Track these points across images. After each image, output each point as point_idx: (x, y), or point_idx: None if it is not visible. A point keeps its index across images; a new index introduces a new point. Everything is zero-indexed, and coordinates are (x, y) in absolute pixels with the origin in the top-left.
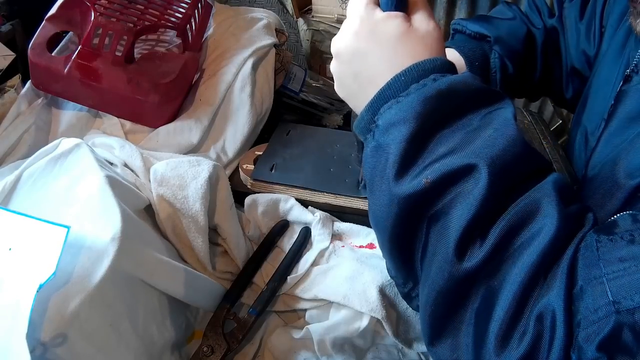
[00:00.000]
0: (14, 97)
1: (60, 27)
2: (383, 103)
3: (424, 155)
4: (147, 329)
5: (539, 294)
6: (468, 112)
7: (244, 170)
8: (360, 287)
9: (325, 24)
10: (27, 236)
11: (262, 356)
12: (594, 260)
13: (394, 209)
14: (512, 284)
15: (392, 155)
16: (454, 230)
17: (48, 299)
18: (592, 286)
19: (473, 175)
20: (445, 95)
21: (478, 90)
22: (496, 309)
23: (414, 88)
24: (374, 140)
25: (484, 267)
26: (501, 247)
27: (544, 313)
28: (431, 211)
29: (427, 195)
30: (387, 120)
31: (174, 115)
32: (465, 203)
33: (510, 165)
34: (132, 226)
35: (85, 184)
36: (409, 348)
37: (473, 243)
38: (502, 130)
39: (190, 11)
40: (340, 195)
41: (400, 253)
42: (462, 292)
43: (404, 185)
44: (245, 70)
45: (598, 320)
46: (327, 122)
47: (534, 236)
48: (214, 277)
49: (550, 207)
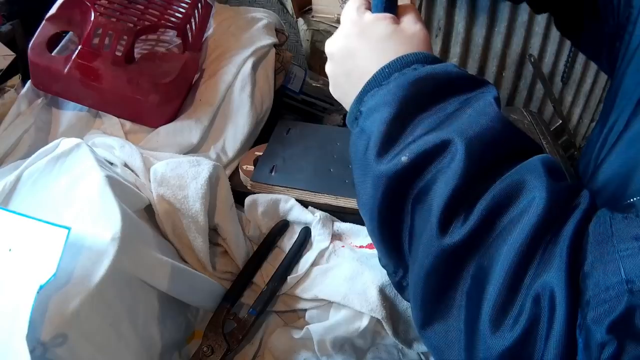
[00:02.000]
0: (14, 97)
1: (60, 27)
2: (367, 92)
3: (404, 136)
4: (147, 329)
5: (535, 273)
6: (448, 96)
7: (243, 171)
8: (360, 287)
9: (325, 24)
10: (28, 237)
11: (262, 356)
12: (607, 236)
13: (378, 191)
14: (504, 261)
15: (373, 137)
16: (436, 206)
17: (48, 299)
18: (604, 263)
19: (449, 149)
20: (425, 81)
21: (459, 77)
22: (488, 288)
23: (394, 76)
24: (358, 126)
25: (470, 244)
26: (488, 224)
27: (542, 293)
28: (414, 191)
29: (407, 174)
30: (369, 106)
31: (174, 115)
32: (445, 179)
33: (490, 141)
34: (132, 226)
35: (85, 184)
36: (409, 348)
37: (457, 218)
38: (482, 110)
39: (190, 11)
40: (341, 197)
41: (388, 239)
42: (450, 271)
43: (384, 165)
44: (245, 70)
45: (609, 300)
46: (327, 122)
47: (523, 211)
48: (214, 277)
49: (538, 182)
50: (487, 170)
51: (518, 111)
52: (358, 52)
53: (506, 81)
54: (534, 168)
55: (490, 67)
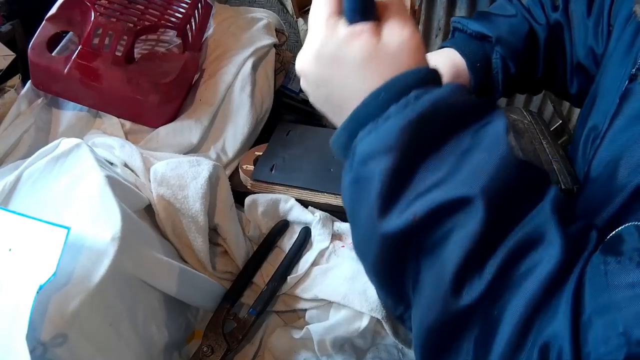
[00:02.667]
0: (14, 97)
1: (60, 27)
2: (359, 124)
3: (411, 188)
4: (147, 329)
5: (543, 322)
6: (456, 131)
7: (243, 170)
8: (360, 287)
9: None
10: (27, 237)
11: (262, 356)
12: (603, 286)
13: (381, 247)
14: (514, 313)
15: (373, 191)
16: (450, 266)
17: (48, 299)
18: (602, 315)
19: (468, 207)
20: (430, 118)
21: (465, 105)
22: (496, 339)
23: (393, 110)
24: (352, 171)
25: (482, 300)
26: (501, 279)
27: (549, 343)
28: (423, 245)
29: (416, 231)
30: (365, 150)
31: (174, 115)
32: (461, 236)
33: (505, 188)
34: (132, 226)
35: (85, 184)
36: (409, 348)
37: (471, 277)
38: (494, 150)
39: (190, 11)
40: (341, 196)
41: (388, 285)
42: (458, 324)
43: (391, 223)
44: (245, 70)
45: (608, 353)
46: (327, 122)
47: (536, 264)
48: (214, 277)
49: (552, 234)
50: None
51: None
52: (333, 80)
53: None
54: (547, 217)
55: None
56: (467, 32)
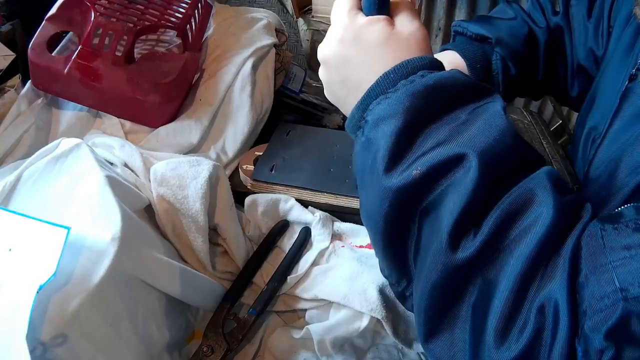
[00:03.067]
0: (14, 97)
1: (60, 27)
2: (372, 100)
3: (414, 148)
4: (147, 329)
5: (539, 284)
6: (456, 106)
7: (243, 170)
8: (360, 287)
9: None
10: (27, 237)
11: (262, 356)
12: (599, 248)
13: (385, 204)
14: (510, 275)
15: (381, 149)
16: (447, 221)
17: (48, 299)
18: (598, 274)
19: (463, 164)
20: (433, 90)
21: (466, 85)
22: (494, 301)
23: (402, 84)
24: (364, 135)
25: (479, 257)
26: (496, 237)
27: (546, 304)
28: (423, 204)
29: (417, 188)
30: (376, 116)
31: (174, 115)
32: (457, 193)
33: (501, 155)
34: (132, 226)
35: (85, 184)
36: (409, 348)
37: (467, 233)
38: (492, 122)
39: (190, 11)
40: (341, 196)
41: (392, 250)
42: (457, 285)
43: (394, 178)
44: (245, 71)
45: (605, 308)
46: (327, 122)
47: (530, 225)
48: (214, 277)
49: (546, 196)
50: (497, 184)
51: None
52: (353, 59)
53: None
54: (541, 182)
55: None
56: (467, 35)
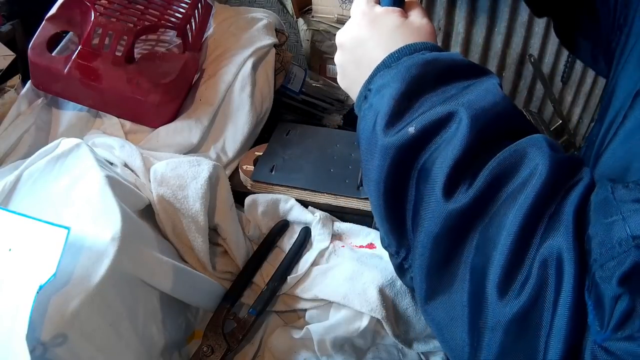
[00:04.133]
0: (14, 97)
1: (60, 27)
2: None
3: (411, 110)
4: (147, 329)
5: (541, 238)
6: (453, 80)
7: (243, 171)
8: (360, 287)
9: (325, 24)
10: (27, 237)
11: (262, 356)
12: (609, 202)
13: (385, 162)
14: (510, 227)
15: (381, 111)
16: (442, 172)
17: (48, 299)
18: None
19: (454, 119)
20: (432, 64)
21: (464, 64)
22: (494, 255)
23: (405, 59)
24: (367, 102)
25: (475, 208)
26: (493, 189)
27: (549, 257)
28: (419, 163)
29: (413, 145)
30: (378, 84)
31: (174, 115)
32: (450, 146)
33: (494, 116)
34: (132, 226)
35: (85, 184)
36: (409, 348)
37: (462, 184)
38: (487, 90)
39: (190, 11)
40: (341, 196)
41: (392, 214)
42: (455, 238)
43: (391, 137)
44: (245, 71)
45: (617, 255)
46: (327, 122)
47: (527, 179)
48: (214, 277)
49: (541, 151)
50: (490, 141)
51: None
52: (368, 41)
53: (506, 81)
54: (536, 141)
55: (490, 67)
56: None
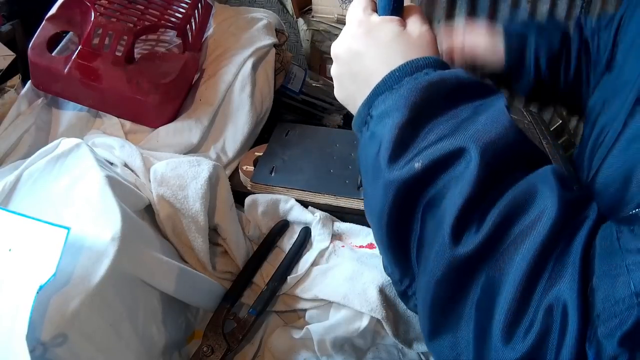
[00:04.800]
0: (14, 97)
1: (60, 27)
2: (377, 96)
3: (416, 141)
4: (147, 329)
5: (547, 284)
6: (459, 102)
7: (243, 171)
8: (360, 287)
9: (325, 24)
10: (27, 237)
11: (262, 356)
12: (615, 250)
13: (389, 196)
14: (516, 271)
15: (385, 142)
16: (449, 214)
17: (48, 299)
18: (613, 277)
19: (464, 157)
20: (437, 86)
21: (469, 83)
22: (499, 299)
23: (406, 80)
24: (368, 130)
25: (482, 252)
26: (500, 232)
27: (554, 305)
28: (425, 198)
29: (419, 180)
30: (380, 111)
31: (174, 115)
32: (458, 186)
33: (503, 150)
34: (132, 226)
35: (85, 184)
36: (409, 348)
37: (469, 227)
38: (495, 118)
39: (190, 11)
40: (341, 197)
41: (396, 246)
42: (461, 281)
43: (397, 171)
44: (245, 71)
45: (620, 313)
46: (327, 122)
47: (534, 221)
48: (214, 277)
49: (549, 191)
50: (499, 178)
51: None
52: (365, 54)
53: None
54: (545, 177)
55: None
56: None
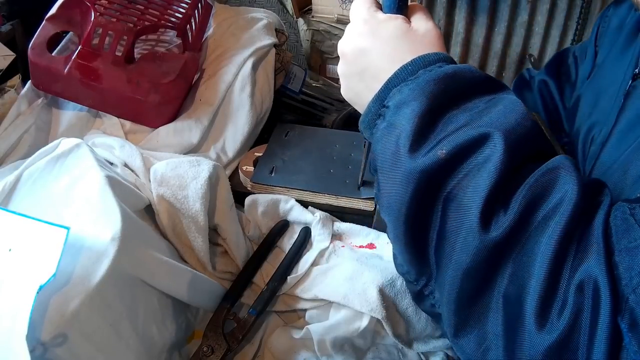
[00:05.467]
0: (14, 97)
1: (60, 27)
2: (391, 89)
3: (437, 130)
4: (147, 329)
5: (573, 263)
6: (474, 95)
7: (243, 172)
8: (360, 287)
9: (325, 24)
10: (27, 237)
11: (262, 356)
12: (630, 225)
13: (409, 187)
14: (543, 255)
15: (404, 131)
16: (476, 200)
17: (48, 299)
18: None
19: (489, 143)
20: (452, 78)
21: (483, 77)
22: (529, 284)
23: (421, 72)
24: (385, 121)
25: (510, 237)
26: (526, 215)
27: (585, 281)
28: (446, 188)
29: (443, 168)
30: (397, 101)
31: (174, 115)
32: (484, 171)
33: (524, 136)
34: (132, 226)
35: (85, 184)
36: (409, 348)
37: (497, 211)
38: (512, 107)
39: (190, 11)
40: (341, 197)
41: (413, 241)
42: (488, 270)
43: (419, 159)
44: (245, 71)
45: None
46: (327, 122)
47: (557, 204)
48: (214, 277)
49: (569, 175)
50: (521, 163)
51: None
52: (372, 50)
53: (506, 81)
54: (564, 163)
55: (490, 67)
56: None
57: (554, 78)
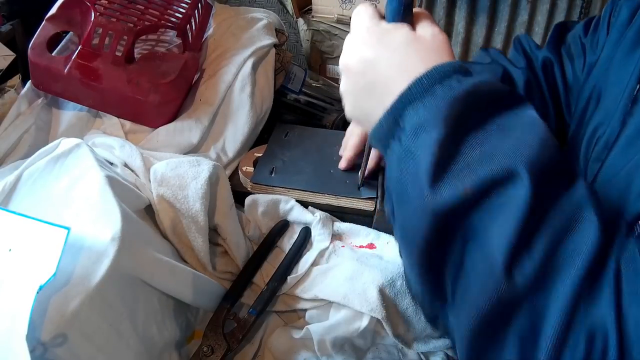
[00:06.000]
0: (14, 97)
1: (60, 27)
2: (405, 105)
3: (459, 160)
4: (147, 329)
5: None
6: (495, 112)
7: (243, 172)
8: (360, 287)
9: (325, 24)
10: (27, 237)
11: (262, 356)
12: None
13: (429, 221)
14: (561, 298)
15: (424, 162)
16: (500, 243)
17: (48, 299)
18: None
19: (514, 180)
20: (472, 96)
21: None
22: (545, 325)
23: (439, 89)
24: (402, 146)
25: (534, 282)
26: (549, 259)
27: (595, 330)
28: (470, 223)
29: (466, 204)
30: (414, 123)
31: (174, 115)
32: (508, 211)
33: (547, 166)
34: (132, 226)
35: (85, 184)
36: (409, 348)
37: (521, 256)
38: (534, 130)
39: (190, 11)
40: (341, 197)
41: (430, 273)
42: (505, 313)
43: (442, 194)
44: (245, 71)
45: None
46: (327, 122)
47: (578, 247)
48: (214, 277)
49: (590, 214)
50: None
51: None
52: (380, 61)
53: None
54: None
55: None
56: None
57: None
